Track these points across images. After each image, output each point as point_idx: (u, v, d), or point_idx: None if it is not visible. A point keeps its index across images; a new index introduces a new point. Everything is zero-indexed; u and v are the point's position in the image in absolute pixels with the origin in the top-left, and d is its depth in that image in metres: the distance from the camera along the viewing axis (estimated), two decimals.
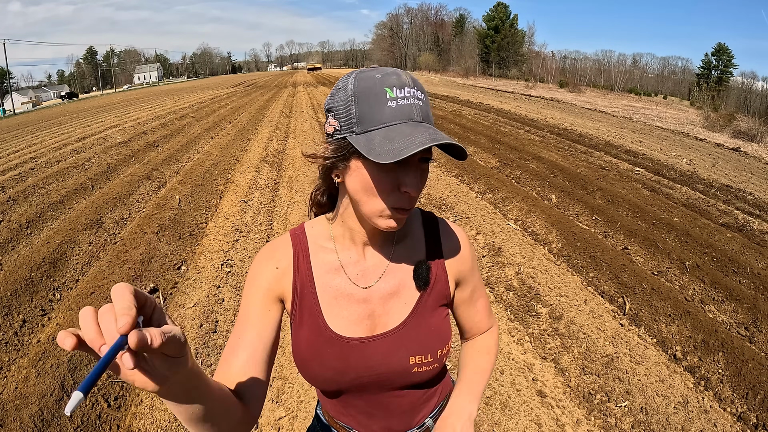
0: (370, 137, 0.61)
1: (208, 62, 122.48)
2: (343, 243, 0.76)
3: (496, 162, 7.14)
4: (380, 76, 0.63)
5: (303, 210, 4.86)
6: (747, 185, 6.69)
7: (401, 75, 0.64)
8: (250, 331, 0.71)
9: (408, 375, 0.75)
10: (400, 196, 0.65)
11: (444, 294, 0.79)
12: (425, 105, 0.65)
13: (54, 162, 7.70)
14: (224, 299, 3.13)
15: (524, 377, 2.41)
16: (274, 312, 0.74)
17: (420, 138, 0.58)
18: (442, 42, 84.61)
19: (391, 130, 0.60)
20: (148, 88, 53.92)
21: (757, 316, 2.92)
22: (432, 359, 0.75)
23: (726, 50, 56.57)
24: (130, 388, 2.33)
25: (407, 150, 0.57)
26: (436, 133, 0.60)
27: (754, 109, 24.78)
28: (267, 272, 0.75)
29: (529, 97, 22.34)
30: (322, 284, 0.75)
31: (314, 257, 0.76)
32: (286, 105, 16.79)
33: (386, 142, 0.59)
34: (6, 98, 51.76)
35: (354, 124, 0.63)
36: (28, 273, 3.35)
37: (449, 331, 0.79)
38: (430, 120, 0.65)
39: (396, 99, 0.62)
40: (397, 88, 0.62)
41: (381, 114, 0.61)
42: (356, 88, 0.63)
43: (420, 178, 0.66)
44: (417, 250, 0.79)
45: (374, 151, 0.59)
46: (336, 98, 0.66)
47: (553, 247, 4.10)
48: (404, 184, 0.64)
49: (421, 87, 0.65)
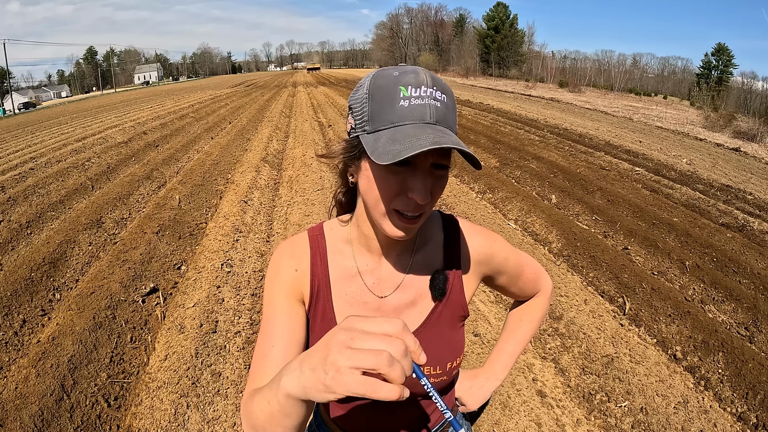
0: (378, 136, 0.59)
1: (208, 62, 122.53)
2: (360, 248, 0.75)
3: (496, 162, 7.14)
4: (397, 74, 0.60)
5: (303, 210, 4.86)
6: (747, 185, 6.69)
7: (420, 73, 0.60)
8: (280, 339, 0.68)
9: (415, 386, 0.73)
10: (406, 201, 0.62)
11: (460, 304, 0.77)
12: (445, 106, 0.60)
13: (54, 162, 7.70)
14: (224, 299, 3.13)
15: (524, 377, 2.41)
16: (301, 313, 0.72)
17: (423, 140, 0.54)
18: (442, 42, 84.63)
19: (399, 131, 0.57)
20: (148, 89, 53.93)
21: (757, 316, 2.92)
22: (441, 371, 0.74)
23: (726, 50, 56.55)
24: (130, 388, 2.33)
25: (405, 152, 0.53)
26: (443, 137, 0.55)
27: (754, 109, 24.76)
28: (287, 273, 0.73)
29: (529, 97, 22.34)
30: (337, 290, 0.73)
31: (331, 261, 0.74)
32: (286, 105, 16.79)
33: (390, 143, 0.56)
34: (6, 98, 51.77)
35: (366, 122, 0.61)
36: (28, 273, 3.35)
37: (462, 344, 0.78)
38: (448, 123, 0.60)
39: (410, 98, 0.58)
40: (413, 87, 0.59)
41: (392, 113, 0.59)
42: (372, 85, 0.61)
43: (434, 184, 0.62)
44: (435, 258, 0.77)
45: (377, 152, 0.56)
46: (356, 96, 0.64)
47: (553, 247, 4.10)
48: (411, 189, 0.60)
49: (443, 87, 0.61)
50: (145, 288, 3.24)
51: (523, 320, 0.94)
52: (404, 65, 0.63)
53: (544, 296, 0.93)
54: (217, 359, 2.52)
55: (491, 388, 0.93)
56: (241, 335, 2.73)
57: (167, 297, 3.24)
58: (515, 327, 0.95)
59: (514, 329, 0.95)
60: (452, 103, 0.62)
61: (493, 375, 0.94)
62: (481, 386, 0.93)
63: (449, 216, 0.81)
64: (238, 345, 2.64)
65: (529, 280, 0.88)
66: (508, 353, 0.94)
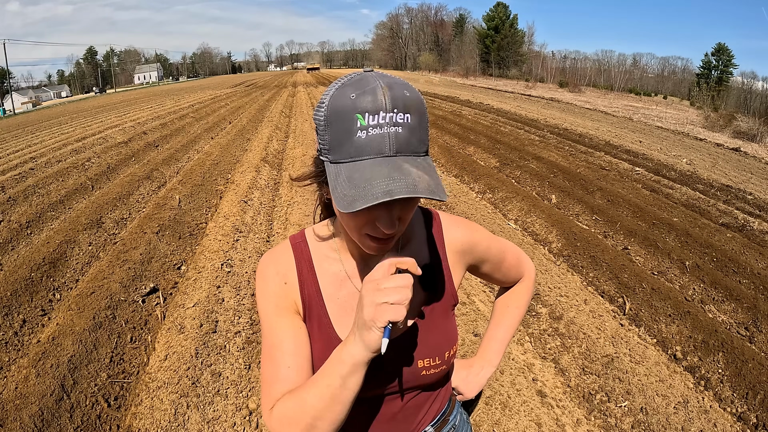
0: (339, 171, 0.57)
1: (208, 62, 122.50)
2: (346, 253, 0.75)
3: (496, 162, 7.14)
4: (354, 97, 0.55)
5: (303, 210, 4.86)
6: (747, 185, 6.69)
7: (377, 95, 0.55)
8: (287, 356, 0.68)
9: (416, 378, 0.75)
10: (375, 228, 0.61)
11: (450, 294, 0.79)
12: (408, 129, 0.56)
13: (54, 162, 7.70)
14: (224, 299, 3.13)
15: (524, 377, 2.41)
16: (299, 323, 0.72)
17: (376, 188, 0.52)
18: (442, 42, 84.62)
19: (356, 169, 0.55)
20: (148, 88, 53.94)
21: (757, 316, 2.92)
22: (440, 361, 0.75)
23: (726, 50, 56.59)
24: (130, 388, 2.33)
25: (358, 203, 0.52)
26: (399, 180, 0.53)
27: (754, 109, 24.76)
28: (277, 287, 0.73)
29: (529, 97, 22.35)
30: (329, 295, 0.74)
31: (319, 267, 0.74)
32: (286, 105, 16.79)
33: (347, 185, 0.54)
34: (6, 98, 51.76)
35: (328, 150, 0.59)
36: (28, 273, 3.35)
37: (456, 332, 0.80)
38: (411, 147, 0.56)
39: (367, 128, 0.54)
40: (370, 114, 0.54)
41: (350, 145, 0.55)
42: (330, 108, 0.57)
43: (402, 210, 0.61)
44: (422, 253, 0.78)
45: (336, 193, 0.55)
46: (317, 116, 0.60)
47: (553, 247, 4.10)
48: (377, 218, 0.60)
49: (405, 104, 0.56)
50: (145, 288, 3.24)
51: (510, 306, 0.97)
52: (364, 78, 0.58)
53: (528, 280, 0.96)
54: (217, 359, 2.51)
55: (486, 375, 0.96)
56: (241, 335, 2.73)
57: (167, 297, 3.24)
58: (503, 314, 0.97)
59: (502, 316, 0.98)
60: (418, 118, 0.57)
61: (487, 363, 0.96)
62: (477, 374, 0.96)
63: (429, 211, 0.82)
64: (238, 345, 2.64)
65: (511, 265, 0.91)
66: (499, 340, 0.97)
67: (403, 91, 0.57)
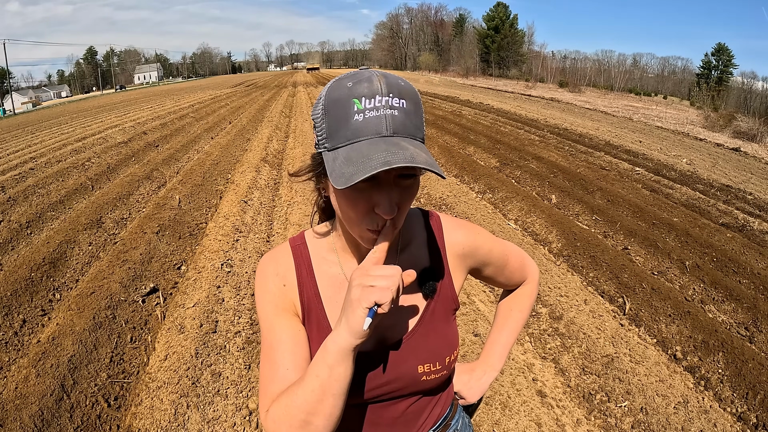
0: (336, 155, 0.57)
1: (208, 62, 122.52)
2: (345, 255, 0.75)
3: (496, 162, 7.14)
4: (351, 85, 0.57)
5: (303, 210, 4.86)
6: (747, 185, 6.69)
7: (374, 82, 0.57)
8: (286, 356, 0.68)
9: (417, 383, 0.74)
10: (374, 218, 0.60)
11: (451, 298, 0.78)
12: (404, 113, 0.57)
13: (54, 162, 7.70)
14: (224, 299, 3.13)
15: (524, 377, 2.41)
16: (299, 326, 0.72)
17: (374, 161, 0.52)
18: (442, 42, 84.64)
19: (354, 149, 0.56)
20: (147, 88, 53.94)
21: (757, 316, 2.92)
22: (440, 366, 0.74)
23: (726, 50, 56.59)
24: (130, 388, 2.33)
25: (357, 176, 0.52)
26: (396, 153, 0.53)
27: (754, 109, 24.76)
28: (276, 289, 0.73)
29: (529, 97, 22.35)
30: (328, 298, 0.73)
31: (318, 270, 0.74)
32: (286, 105, 16.79)
33: (345, 164, 0.55)
34: (6, 98, 51.78)
35: (326, 139, 0.59)
36: (28, 273, 3.35)
37: (457, 337, 0.79)
38: (407, 130, 0.57)
39: (364, 111, 0.56)
40: (367, 98, 0.56)
41: (347, 129, 0.56)
42: (327, 100, 0.59)
43: (401, 195, 0.61)
44: (421, 256, 0.77)
45: (334, 174, 0.55)
46: (315, 111, 0.62)
47: (553, 247, 4.10)
48: (376, 204, 0.59)
49: (401, 91, 0.58)
50: (145, 288, 3.24)
51: (513, 310, 0.95)
52: (360, 72, 0.60)
53: (532, 283, 0.94)
54: (217, 359, 2.51)
55: (489, 380, 0.95)
56: (241, 335, 2.73)
57: (167, 297, 3.24)
58: (507, 317, 0.96)
59: (505, 320, 0.96)
60: (413, 105, 0.59)
61: (489, 367, 0.95)
62: (479, 379, 0.95)
63: (430, 213, 0.82)
64: (238, 345, 2.64)
65: (515, 268, 0.89)
66: (502, 344, 0.96)
67: (397, 80, 0.59)
